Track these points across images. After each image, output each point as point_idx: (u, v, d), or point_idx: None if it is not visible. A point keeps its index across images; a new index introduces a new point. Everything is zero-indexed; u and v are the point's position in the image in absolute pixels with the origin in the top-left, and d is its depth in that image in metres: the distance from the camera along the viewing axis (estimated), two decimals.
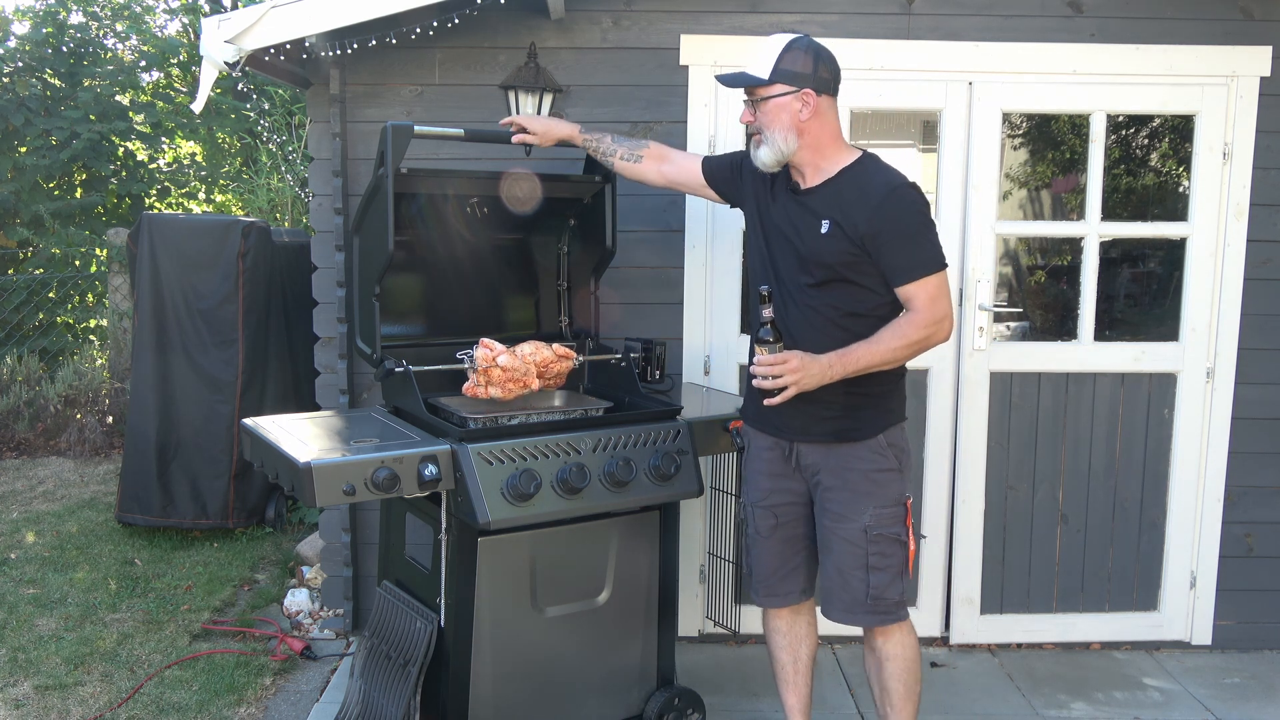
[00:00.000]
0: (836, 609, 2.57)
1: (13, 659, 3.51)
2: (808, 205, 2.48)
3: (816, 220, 2.45)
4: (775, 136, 2.45)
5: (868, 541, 2.49)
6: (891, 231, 2.38)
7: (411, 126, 2.75)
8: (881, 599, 2.52)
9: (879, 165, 2.49)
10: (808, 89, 2.42)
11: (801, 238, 2.47)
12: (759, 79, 2.45)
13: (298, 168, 7.77)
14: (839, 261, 2.42)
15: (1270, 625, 3.77)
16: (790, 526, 2.65)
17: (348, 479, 2.40)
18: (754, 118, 2.49)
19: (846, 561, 2.52)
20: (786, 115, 2.43)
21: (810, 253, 2.45)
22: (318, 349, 3.68)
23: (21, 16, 8.66)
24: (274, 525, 4.86)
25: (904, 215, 2.40)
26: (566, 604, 2.80)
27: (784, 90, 2.42)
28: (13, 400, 6.23)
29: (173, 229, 4.72)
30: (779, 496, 2.64)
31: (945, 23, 3.50)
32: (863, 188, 2.42)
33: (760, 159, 2.50)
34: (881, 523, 2.49)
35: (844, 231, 2.40)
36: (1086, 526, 3.72)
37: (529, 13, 3.44)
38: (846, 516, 2.51)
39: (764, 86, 2.45)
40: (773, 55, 2.44)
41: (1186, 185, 3.62)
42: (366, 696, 2.88)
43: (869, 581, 2.50)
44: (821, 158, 2.48)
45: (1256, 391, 3.65)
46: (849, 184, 2.45)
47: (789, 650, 2.76)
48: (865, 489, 2.50)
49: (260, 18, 2.98)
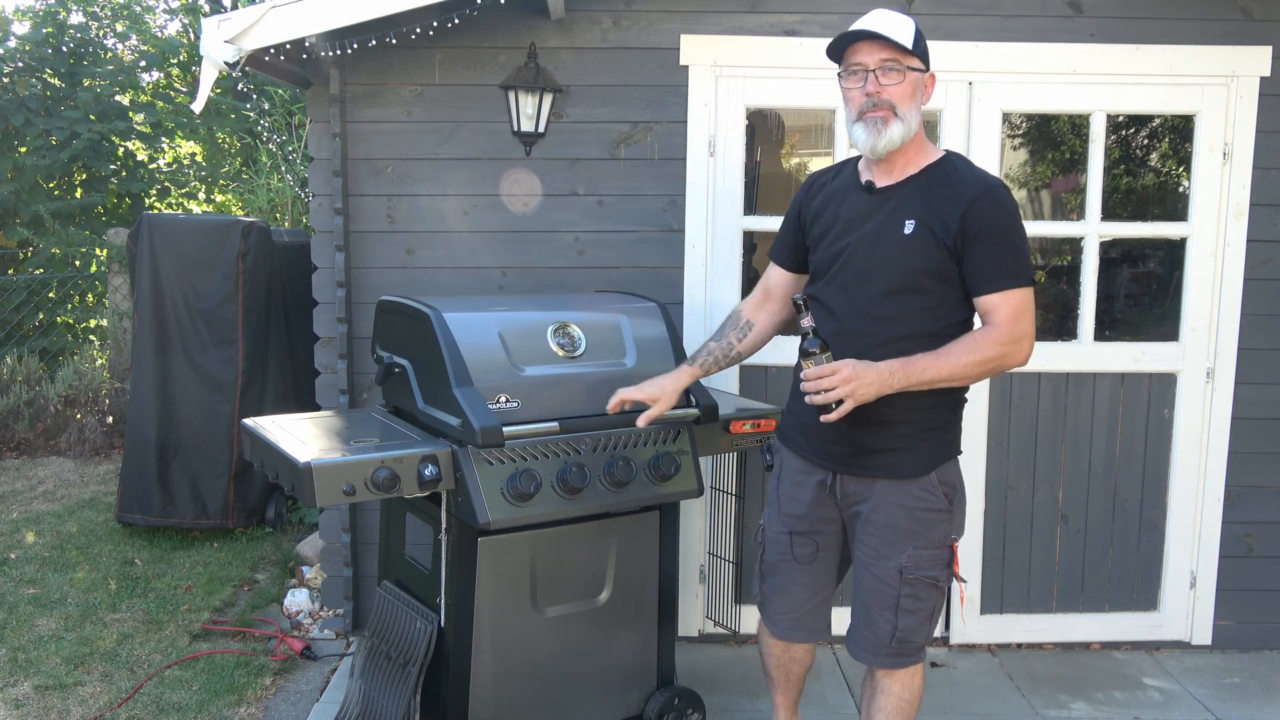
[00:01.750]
0: (860, 648, 2.40)
1: (13, 659, 3.51)
2: (888, 203, 2.26)
3: (899, 219, 2.22)
4: (909, 113, 2.20)
5: (901, 583, 2.29)
6: (984, 232, 2.15)
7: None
8: (907, 642, 2.34)
9: (969, 163, 2.29)
10: (931, 74, 2.25)
11: (880, 238, 2.24)
12: (904, 47, 2.17)
13: (298, 168, 7.77)
14: (921, 266, 2.19)
15: (1270, 625, 3.77)
16: (828, 554, 2.46)
17: (348, 479, 2.40)
18: (881, 90, 2.19)
19: (876, 600, 2.33)
20: (919, 94, 2.23)
21: (889, 254, 2.22)
22: (318, 349, 3.68)
23: (21, 16, 8.66)
24: (274, 525, 4.86)
25: (999, 216, 2.17)
26: (566, 604, 2.80)
27: (920, 66, 2.22)
28: (13, 400, 6.23)
29: (173, 229, 4.72)
30: (819, 523, 2.43)
31: (945, 23, 3.50)
32: (953, 184, 2.21)
33: (889, 136, 2.19)
34: (919, 565, 2.29)
35: (931, 231, 2.18)
36: (1086, 526, 3.72)
37: (529, 13, 3.44)
38: (883, 554, 2.30)
39: (908, 55, 2.19)
40: (910, 28, 2.19)
41: (1186, 185, 3.62)
42: (366, 696, 2.88)
43: (896, 624, 2.31)
44: (916, 150, 2.27)
45: (1256, 391, 3.65)
46: (937, 181, 2.24)
47: (781, 668, 2.64)
48: (908, 528, 2.28)
49: (260, 18, 2.98)
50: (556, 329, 2.76)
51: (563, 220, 3.58)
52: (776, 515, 2.49)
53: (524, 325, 2.75)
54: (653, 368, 2.77)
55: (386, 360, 2.94)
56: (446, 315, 2.65)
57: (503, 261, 3.60)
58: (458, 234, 3.59)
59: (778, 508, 2.49)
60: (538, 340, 2.72)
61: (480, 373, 2.57)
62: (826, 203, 2.38)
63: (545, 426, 2.58)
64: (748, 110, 3.54)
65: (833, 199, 2.37)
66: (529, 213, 3.58)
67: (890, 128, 2.19)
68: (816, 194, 2.43)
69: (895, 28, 2.18)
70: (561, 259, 3.60)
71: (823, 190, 2.42)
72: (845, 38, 2.22)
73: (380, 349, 3.01)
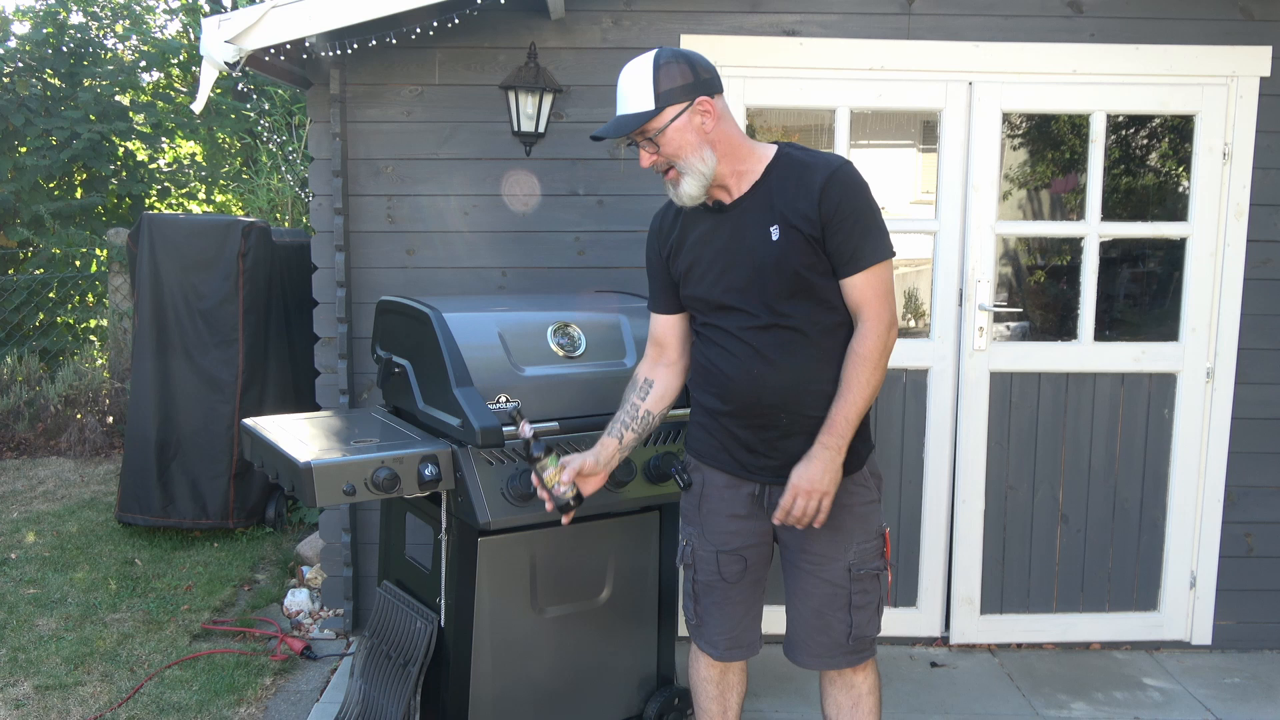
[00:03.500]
0: (812, 654, 2.35)
1: (13, 659, 3.51)
2: (744, 216, 2.21)
3: (762, 228, 2.18)
4: (693, 162, 2.15)
5: (850, 580, 2.29)
6: (841, 214, 2.12)
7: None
8: (862, 638, 2.33)
9: (806, 150, 2.23)
10: (701, 96, 2.14)
11: (750, 251, 2.19)
12: (647, 112, 2.13)
13: (298, 168, 7.76)
14: (801, 264, 2.16)
15: (1270, 625, 3.77)
16: (757, 569, 2.41)
17: (348, 479, 2.40)
18: (657, 155, 2.18)
19: (827, 604, 2.31)
20: (693, 134, 2.15)
21: (766, 264, 2.18)
22: (318, 349, 3.68)
23: (21, 16, 8.66)
24: (274, 525, 4.86)
25: (853, 196, 2.14)
26: (566, 604, 2.80)
27: (678, 110, 2.13)
28: (13, 400, 6.23)
29: (173, 229, 4.73)
30: (746, 539, 2.36)
31: (945, 23, 3.50)
32: (800, 176, 2.16)
33: (686, 193, 2.18)
34: (864, 559, 2.30)
35: (797, 229, 2.14)
36: (1086, 526, 3.72)
37: (529, 13, 3.44)
38: (829, 556, 2.29)
39: (655, 118, 2.13)
40: (647, 80, 2.14)
41: (1186, 185, 3.62)
42: (366, 696, 2.88)
43: (851, 622, 2.30)
44: (741, 161, 2.21)
45: (1256, 391, 3.65)
46: (782, 178, 2.18)
47: (719, 701, 2.52)
48: (850, 525, 2.28)
49: (260, 18, 2.98)
50: (556, 329, 2.76)
51: (563, 220, 3.59)
52: (701, 536, 2.40)
53: (524, 325, 2.75)
54: None
55: (384, 358, 2.95)
56: (446, 315, 2.65)
57: (503, 261, 3.60)
58: (458, 234, 3.59)
59: (701, 528, 2.40)
60: (538, 340, 2.72)
61: (480, 373, 2.57)
62: (682, 235, 2.32)
63: (545, 426, 2.58)
64: (748, 110, 3.54)
65: (687, 229, 2.31)
66: (529, 213, 3.58)
67: (682, 184, 2.18)
68: (668, 231, 2.36)
69: (632, 97, 2.15)
70: (561, 259, 3.60)
71: (673, 225, 2.34)
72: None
73: (380, 349, 3.01)
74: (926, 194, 3.74)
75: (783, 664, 3.38)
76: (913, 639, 3.75)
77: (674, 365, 2.43)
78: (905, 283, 4.27)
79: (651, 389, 2.42)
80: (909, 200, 4.31)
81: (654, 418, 2.43)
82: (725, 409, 2.28)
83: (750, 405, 2.23)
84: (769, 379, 2.20)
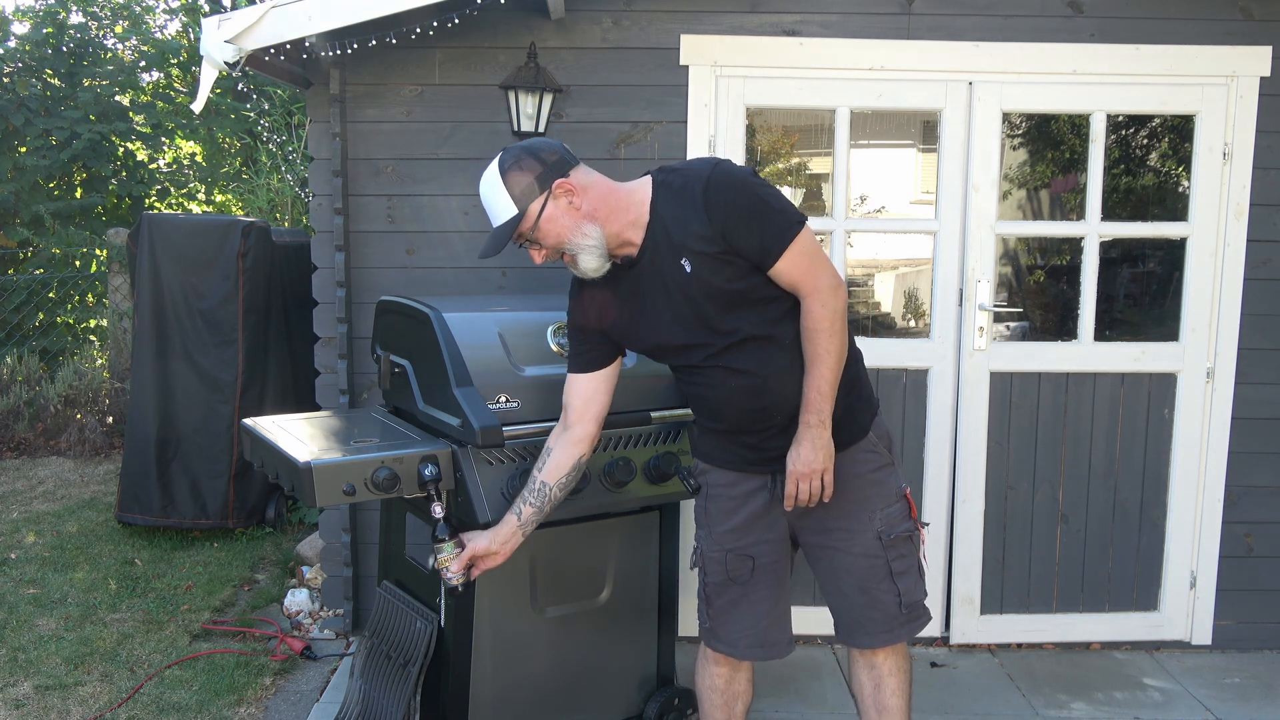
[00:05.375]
0: (871, 633, 2.34)
1: (13, 659, 3.51)
2: (657, 259, 2.19)
3: (674, 263, 2.16)
4: (578, 241, 2.16)
5: (884, 548, 2.29)
6: (734, 216, 2.11)
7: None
8: (915, 604, 2.33)
9: (675, 169, 2.21)
10: (556, 179, 2.15)
11: (677, 289, 2.18)
12: (514, 218, 2.16)
13: (298, 168, 7.76)
14: (723, 283, 2.15)
15: (1270, 625, 3.77)
16: (769, 568, 2.39)
17: (348, 479, 2.40)
18: (544, 249, 2.20)
19: (870, 577, 2.30)
20: (565, 217, 2.15)
21: (693, 295, 2.17)
22: (318, 349, 3.68)
23: (21, 16, 8.67)
24: (274, 525, 4.86)
25: (735, 194, 2.12)
26: (566, 604, 2.80)
27: (540, 203, 2.15)
28: (13, 400, 6.23)
29: (173, 229, 4.73)
30: (754, 536, 2.36)
31: (945, 23, 3.50)
32: (680, 199, 2.15)
33: (590, 268, 2.19)
34: (892, 523, 2.30)
35: (703, 254, 2.13)
36: (1086, 526, 3.72)
37: (529, 13, 3.44)
38: (855, 530, 2.30)
39: (523, 220, 2.16)
40: (500, 189, 2.17)
41: (1186, 185, 3.62)
42: (366, 696, 2.88)
43: (898, 589, 2.30)
44: (626, 213, 2.19)
45: (1256, 391, 3.65)
46: (668, 208, 2.17)
47: (724, 709, 2.50)
48: (868, 493, 2.29)
49: (260, 18, 2.98)
50: (556, 329, 2.76)
51: None
52: (709, 538, 2.41)
53: (524, 325, 2.75)
54: (652, 367, 2.76)
55: (383, 357, 2.95)
56: (446, 315, 2.65)
57: (503, 261, 3.59)
58: (458, 234, 3.59)
59: (709, 529, 2.40)
60: (538, 340, 2.72)
61: (480, 373, 2.57)
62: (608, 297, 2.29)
63: (545, 426, 2.57)
64: (748, 110, 3.54)
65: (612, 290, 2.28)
66: None
67: (580, 261, 2.19)
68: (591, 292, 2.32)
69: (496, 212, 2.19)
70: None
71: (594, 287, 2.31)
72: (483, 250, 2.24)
73: (380, 349, 3.01)
74: (926, 194, 3.74)
75: (783, 664, 3.38)
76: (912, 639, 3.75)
77: (573, 431, 2.36)
78: (905, 282, 4.27)
79: (548, 459, 2.37)
80: (909, 200, 4.31)
81: (550, 489, 2.37)
82: (724, 426, 2.33)
83: (743, 417, 2.28)
84: (747, 390, 2.23)
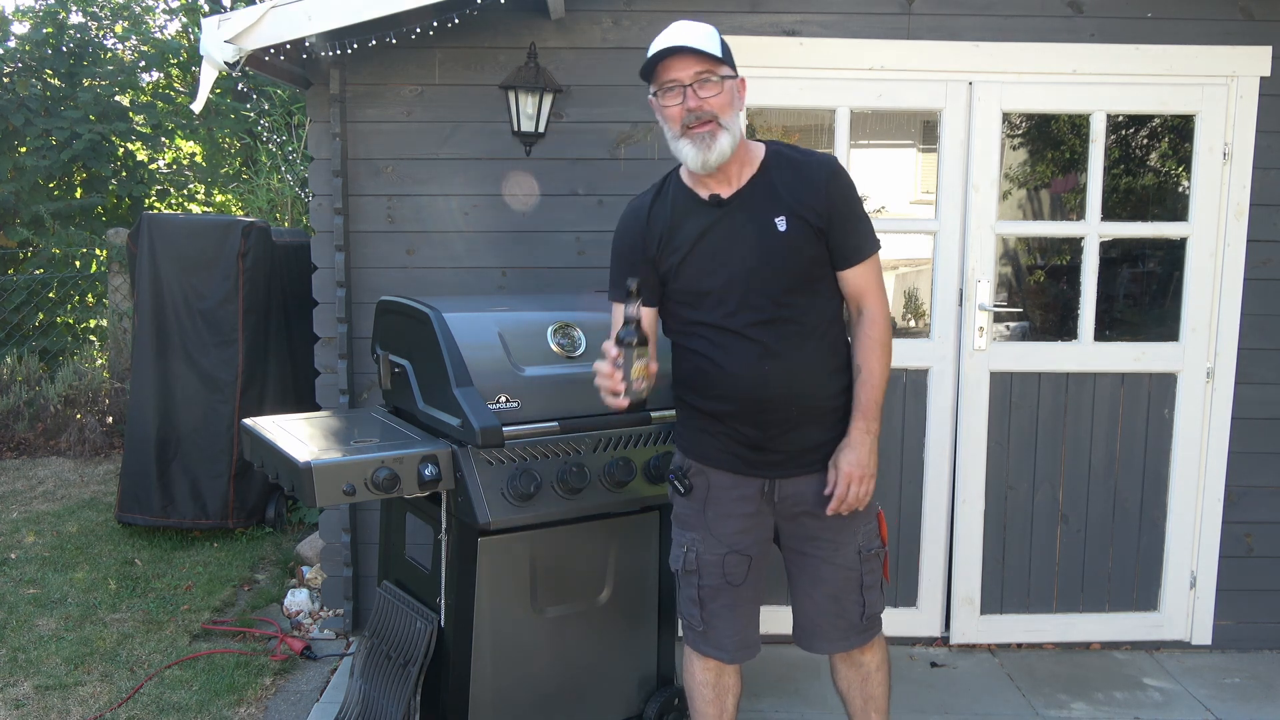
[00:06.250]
0: (830, 639, 2.41)
1: (13, 659, 3.51)
2: (744, 209, 2.22)
3: (766, 219, 2.20)
4: (731, 121, 2.16)
5: (861, 562, 2.35)
6: (843, 209, 2.21)
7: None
8: (874, 616, 2.41)
9: (795, 147, 2.28)
10: (741, 79, 2.22)
11: (754, 244, 2.20)
12: (715, 57, 2.12)
13: (298, 168, 7.76)
14: (809, 256, 2.20)
15: (1270, 625, 3.77)
16: (759, 568, 2.40)
17: (348, 479, 2.40)
18: (704, 102, 2.13)
19: (843, 588, 2.36)
20: (736, 99, 2.18)
21: (772, 256, 2.19)
22: (318, 349, 3.68)
23: (21, 16, 8.67)
24: (274, 525, 4.86)
25: (851, 191, 2.24)
26: (566, 604, 2.80)
27: (732, 73, 2.17)
28: (13, 400, 6.23)
29: (173, 229, 4.73)
30: (753, 536, 2.36)
31: (945, 23, 3.50)
32: (799, 170, 2.22)
33: (720, 149, 2.15)
34: (869, 540, 2.36)
35: (804, 220, 2.19)
36: (1086, 526, 3.72)
37: (529, 13, 3.44)
38: (840, 542, 2.33)
39: (720, 64, 2.13)
40: (713, 36, 2.15)
41: (1186, 185, 3.62)
42: (366, 696, 2.88)
43: (864, 601, 2.37)
44: (745, 152, 2.25)
45: (1256, 391, 3.65)
46: (782, 172, 2.23)
47: (715, 704, 2.49)
48: (856, 510, 2.31)
49: (260, 18, 2.98)
50: (556, 329, 2.76)
51: (563, 220, 3.58)
52: (706, 540, 2.37)
53: (524, 325, 2.75)
54: None
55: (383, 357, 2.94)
56: (446, 315, 2.65)
57: (503, 261, 3.60)
58: (458, 234, 3.59)
59: (707, 531, 2.36)
60: (538, 340, 2.72)
61: (480, 373, 2.56)
62: (669, 227, 2.28)
63: (545, 426, 2.58)
64: (748, 110, 3.54)
65: (675, 221, 2.28)
66: (529, 212, 3.58)
67: (719, 140, 2.15)
68: (656, 222, 2.31)
69: (704, 39, 2.14)
70: (561, 259, 3.60)
71: (662, 216, 2.30)
72: (656, 55, 2.14)
73: (380, 349, 3.01)
74: (926, 194, 3.74)
75: (782, 664, 3.39)
76: (913, 639, 3.75)
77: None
78: (905, 282, 4.27)
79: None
80: (909, 200, 4.31)
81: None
82: (728, 409, 2.27)
83: (758, 401, 2.24)
84: (776, 373, 2.22)
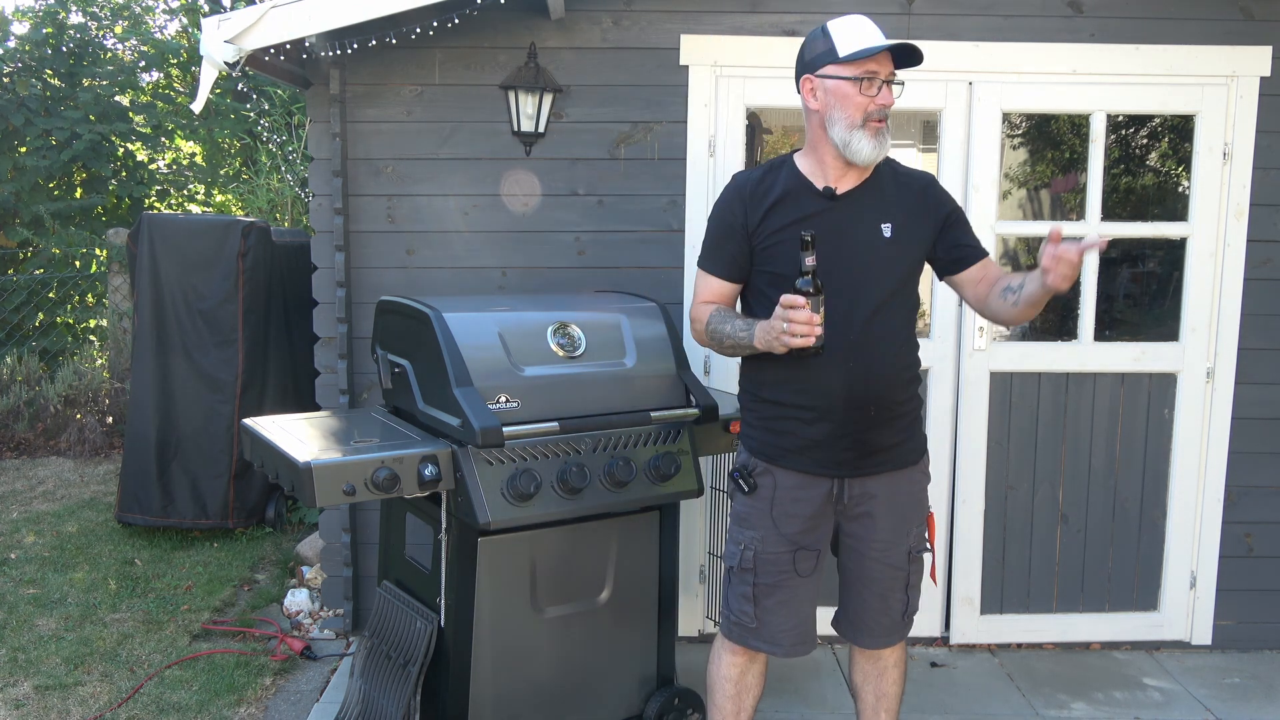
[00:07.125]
0: (874, 634, 2.45)
1: (13, 659, 3.51)
2: (854, 209, 2.27)
3: (873, 223, 2.27)
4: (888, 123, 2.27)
5: (909, 563, 2.41)
6: (954, 214, 2.35)
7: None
8: (913, 614, 2.47)
9: (900, 164, 2.41)
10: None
11: (864, 246, 2.25)
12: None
13: (298, 168, 7.76)
14: (910, 264, 2.30)
15: (1270, 625, 3.77)
16: (823, 563, 2.44)
17: (348, 479, 2.40)
18: (891, 101, 2.23)
19: (890, 586, 2.40)
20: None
21: (878, 261, 2.25)
22: (318, 349, 3.68)
23: (21, 17, 8.66)
24: (274, 525, 4.86)
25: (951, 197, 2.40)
26: (566, 604, 2.80)
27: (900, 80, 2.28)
28: (13, 400, 6.23)
29: (173, 229, 4.73)
30: (816, 534, 2.40)
31: (945, 23, 3.50)
32: (903, 182, 2.33)
33: (887, 148, 2.25)
34: (919, 541, 2.42)
35: (909, 230, 2.28)
36: (1086, 526, 3.72)
37: (529, 13, 3.44)
38: (894, 543, 2.38)
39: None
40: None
41: (1186, 185, 3.62)
42: (366, 696, 2.88)
43: (907, 600, 2.43)
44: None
45: (1256, 391, 3.65)
46: (889, 180, 2.32)
47: (734, 700, 2.52)
48: (911, 511, 2.39)
49: (260, 18, 2.98)
50: (556, 329, 2.76)
51: (563, 220, 3.58)
52: (775, 535, 2.37)
53: (524, 325, 2.75)
54: (653, 368, 2.77)
55: (381, 356, 2.94)
56: (446, 315, 2.65)
57: (503, 261, 3.60)
58: (458, 234, 3.59)
59: (774, 528, 2.37)
60: (538, 340, 2.72)
61: (480, 373, 2.57)
62: (781, 207, 2.29)
63: (545, 426, 2.58)
64: (748, 110, 3.54)
65: (787, 204, 2.29)
66: (529, 213, 3.58)
67: (888, 139, 2.25)
68: (763, 199, 2.31)
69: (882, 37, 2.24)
70: (561, 259, 3.60)
71: (765, 196, 2.31)
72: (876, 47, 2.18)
73: (380, 349, 3.01)
74: None
75: (781, 664, 3.39)
76: (913, 639, 3.75)
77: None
78: None
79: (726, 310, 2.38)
80: None
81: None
82: (811, 404, 2.29)
83: (844, 400, 2.27)
84: (864, 372, 2.25)
